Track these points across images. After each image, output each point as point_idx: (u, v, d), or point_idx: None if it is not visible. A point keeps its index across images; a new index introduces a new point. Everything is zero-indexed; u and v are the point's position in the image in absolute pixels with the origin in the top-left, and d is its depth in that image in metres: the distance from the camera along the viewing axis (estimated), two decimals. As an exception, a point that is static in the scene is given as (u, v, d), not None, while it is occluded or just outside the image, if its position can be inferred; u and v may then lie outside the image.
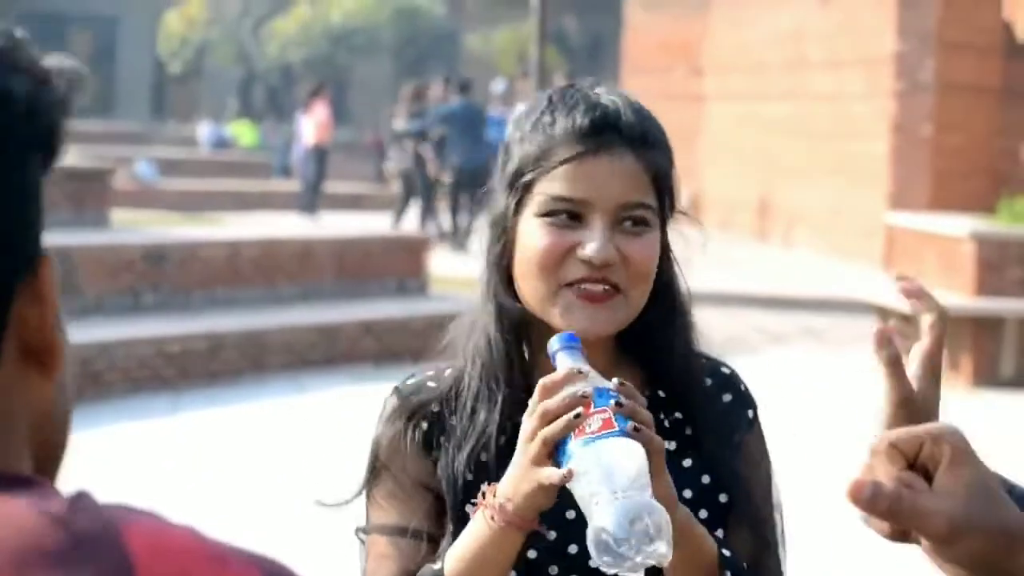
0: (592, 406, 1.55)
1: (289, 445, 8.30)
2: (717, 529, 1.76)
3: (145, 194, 20.82)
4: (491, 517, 1.61)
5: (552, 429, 1.55)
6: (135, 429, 8.59)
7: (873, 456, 1.11)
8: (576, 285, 1.74)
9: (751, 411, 1.89)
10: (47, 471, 0.98)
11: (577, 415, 1.55)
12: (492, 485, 1.64)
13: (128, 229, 13.06)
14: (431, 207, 18.03)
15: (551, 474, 1.55)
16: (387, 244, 12.81)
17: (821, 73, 18.02)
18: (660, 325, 1.83)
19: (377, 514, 1.81)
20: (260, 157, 27.21)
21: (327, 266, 11.89)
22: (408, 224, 17.84)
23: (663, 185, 1.79)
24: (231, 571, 0.87)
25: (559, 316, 1.75)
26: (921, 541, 1.10)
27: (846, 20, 17.55)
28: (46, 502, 0.87)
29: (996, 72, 15.97)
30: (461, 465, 1.77)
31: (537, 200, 1.76)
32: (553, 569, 1.76)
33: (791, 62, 18.71)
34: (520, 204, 1.77)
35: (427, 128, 17.82)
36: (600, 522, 1.49)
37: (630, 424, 1.54)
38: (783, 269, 16.55)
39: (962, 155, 15.86)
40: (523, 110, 1.84)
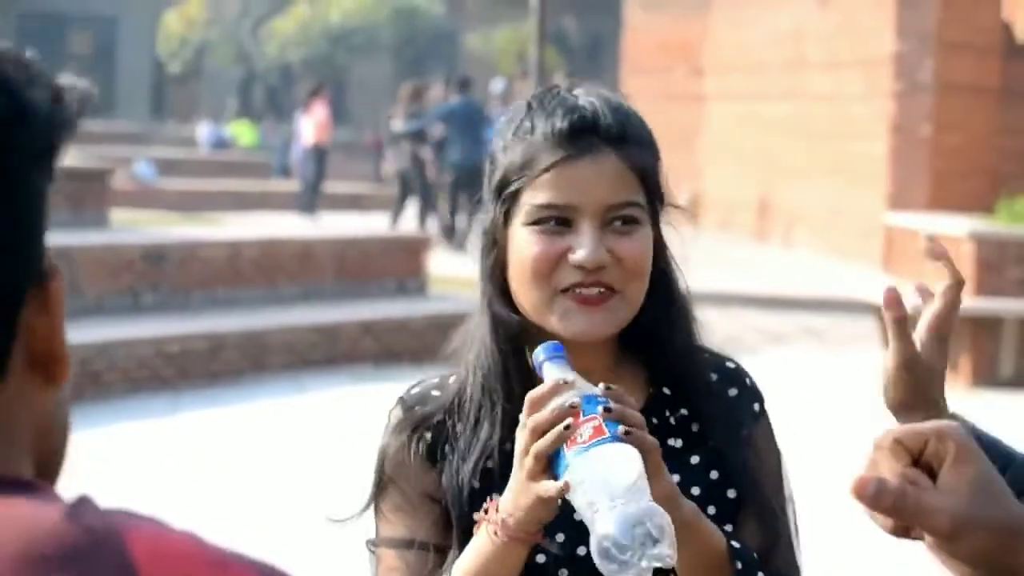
0: (581, 415, 1.55)
1: (289, 445, 8.30)
2: (726, 525, 1.75)
3: (144, 194, 20.81)
4: (494, 532, 1.62)
5: (543, 443, 1.55)
6: (135, 429, 8.59)
7: (877, 451, 1.11)
8: (571, 290, 1.74)
9: (757, 404, 1.89)
10: (48, 477, 0.98)
11: (567, 426, 1.54)
12: (494, 500, 1.64)
13: (127, 229, 13.06)
14: (430, 206, 18.00)
15: (548, 488, 1.55)
16: (387, 244, 12.81)
17: (820, 73, 18.01)
18: (660, 321, 1.82)
19: (385, 527, 1.82)
20: (259, 157, 27.20)
21: (327, 266, 11.89)
22: (407, 224, 17.83)
23: (650, 181, 1.79)
24: None
25: (557, 322, 1.75)
26: (925, 537, 1.10)
27: (845, 20, 17.55)
28: (48, 506, 0.88)
29: (995, 72, 15.98)
30: (466, 475, 1.77)
31: (525, 210, 1.76)
32: (563, 572, 1.76)
33: (791, 62, 18.71)
34: (509, 214, 1.77)
35: (426, 127, 17.79)
36: (601, 531, 1.49)
37: (620, 428, 1.54)
38: (783, 269, 16.54)
39: (961, 155, 15.86)
40: (505, 118, 1.84)
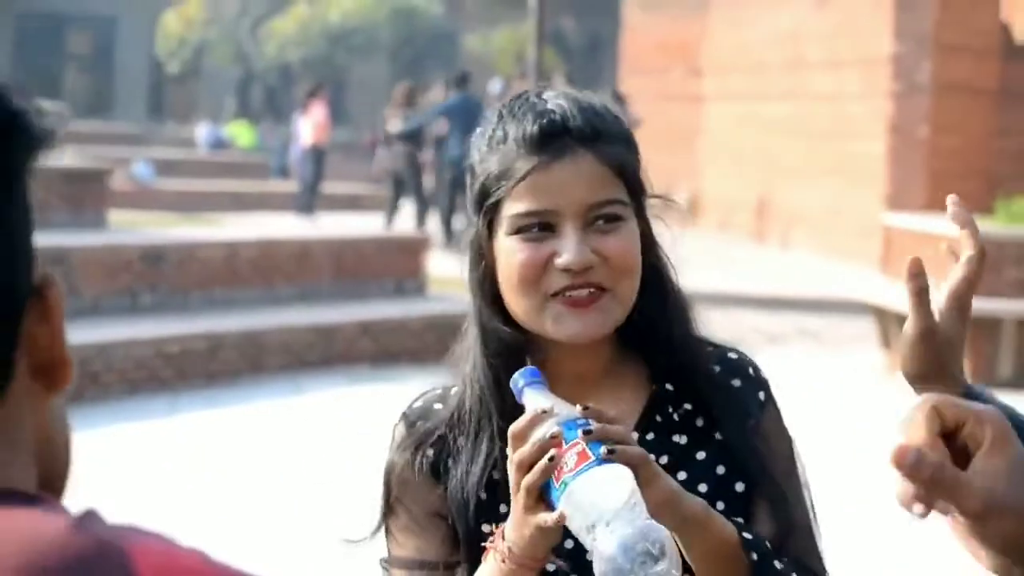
0: (564, 443, 1.55)
1: (287, 446, 8.30)
2: (736, 518, 1.74)
3: (143, 195, 20.81)
4: (502, 560, 1.62)
5: (531, 478, 1.56)
6: (133, 430, 8.59)
7: (915, 410, 1.11)
8: (561, 294, 1.74)
9: (763, 392, 1.88)
10: (53, 488, 0.97)
11: (551, 458, 1.54)
12: (500, 527, 1.64)
13: (126, 230, 13.06)
14: (427, 206, 17.98)
15: (546, 519, 1.56)
16: (385, 245, 12.81)
17: (819, 74, 18.02)
18: (656, 316, 1.82)
19: (394, 548, 1.83)
20: (258, 158, 27.19)
21: (325, 267, 11.89)
22: (405, 225, 17.82)
23: (629, 176, 1.78)
24: None
25: (551, 327, 1.75)
26: (950, 519, 1.11)
27: (844, 21, 17.56)
28: (53, 520, 0.87)
29: (993, 73, 15.99)
30: (470, 490, 1.78)
31: (506, 220, 1.76)
32: None
33: (789, 63, 18.71)
34: (492, 226, 1.78)
35: (425, 124, 17.77)
36: (602, 556, 1.50)
37: (603, 449, 1.54)
38: (781, 269, 16.55)
39: (959, 156, 15.87)
40: (479, 128, 1.83)
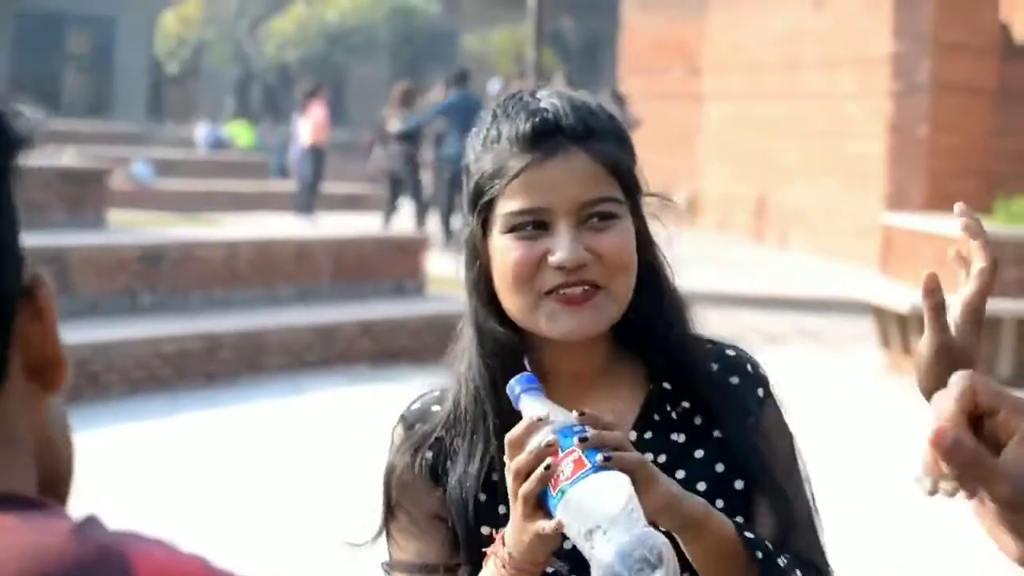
0: (560, 450, 1.55)
1: (287, 446, 8.30)
2: (736, 516, 1.75)
3: (142, 194, 20.81)
4: (502, 566, 1.63)
5: (527, 487, 1.56)
6: (133, 430, 8.58)
7: (952, 383, 1.11)
8: (555, 292, 1.74)
9: (762, 389, 1.88)
10: (55, 492, 0.97)
11: (547, 467, 1.55)
12: (500, 532, 1.65)
13: (125, 230, 13.06)
14: (425, 205, 17.96)
15: (544, 527, 1.56)
16: (384, 244, 12.81)
17: (818, 74, 18.03)
18: (652, 314, 1.82)
19: (395, 551, 1.84)
20: (257, 157, 27.18)
21: (324, 266, 11.89)
22: (405, 225, 17.81)
23: (623, 174, 1.78)
24: None
25: (545, 325, 1.75)
26: (976, 501, 1.12)
27: (842, 21, 17.57)
28: (52, 526, 0.86)
29: (992, 73, 15.99)
30: (468, 490, 1.78)
31: (500, 219, 1.76)
32: None
33: (788, 62, 18.72)
34: (486, 225, 1.78)
35: (424, 124, 17.76)
36: (598, 564, 1.50)
37: (599, 457, 1.54)
38: (780, 269, 16.55)
39: (958, 156, 15.87)
40: (474, 129, 1.84)
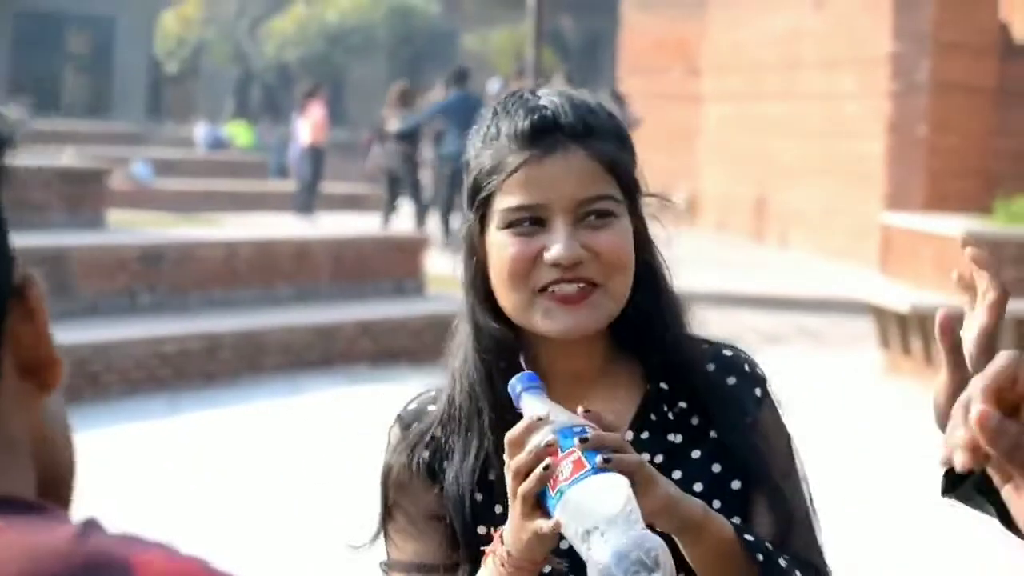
0: (560, 451, 1.55)
1: (287, 446, 8.30)
2: (732, 516, 1.75)
3: (141, 194, 20.80)
4: (500, 564, 1.63)
5: (526, 487, 1.56)
6: (132, 430, 8.58)
7: (994, 362, 1.13)
8: (550, 290, 1.74)
9: (759, 389, 1.88)
10: (57, 493, 0.96)
11: (546, 467, 1.55)
12: (499, 530, 1.65)
13: (124, 230, 13.05)
14: (424, 205, 17.95)
15: (542, 526, 1.56)
16: (384, 244, 12.81)
17: (817, 73, 18.02)
18: (650, 314, 1.82)
19: (393, 551, 1.84)
20: (256, 157, 27.18)
21: (324, 266, 11.89)
22: (404, 224, 17.81)
23: (622, 173, 1.78)
24: None
25: (540, 322, 1.75)
26: (1009, 488, 1.16)
27: (842, 21, 17.56)
28: (52, 530, 0.86)
29: (992, 72, 15.99)
30: (464, 486, 1.78)
31: (498, 215, 1.76)
32: None
33: (787, 62, 18.71)
34: (484, 221, 1.78)
35: (423, 122, 17.75)
36: (595, 565, 1.50)
37: (598, 458, 1.54)
38: (779, 269, 16.55)
39: (957, 155, 15.87)
40: (475, 126, 1.84)
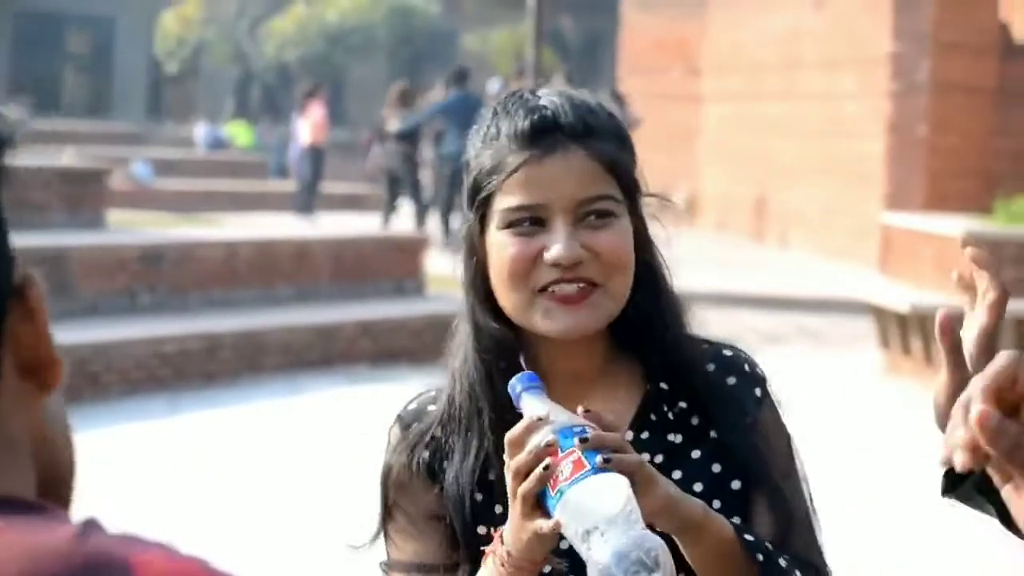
0: (560, 451, 1.55)
1: (287, 446, 8.30)
2: (733, 516, 1.75)
3: (141, 194, 20.80)
4: (500, 564, 1.63)
5: (526, 486, 1.56)
6: (132, 430, 8.58)
7: (994, 361, 1.14)
8: (550, 290, 1.74)
9: (759, 389, 1.88)
10: (57, 493, 0.96)
11: (546, 467, 1.55)
12: (499, 530, 1.65)
13: (124, 230, 13.06)
14: (425, 205, 17.95)
15: (542, 526, 1.56)
16: (384, 244, 12.82)
17: (817, 74, 18.02)
18: (650, 314, 1.82)
19: (393, 551, 1.83)
20: (256, 157, 27.18)
21: (324, 266, 11.89)
22: (404, 224, 17.80)
23: (622, 173, 1.78)
24: None
25: (540, 322, 1.75)
26: (1009, 488, 1.17)
27: (842, 21, 17.56)
28: (52, 530, 0.86)
29: (992, 72, 15.99)
30: (464, 485, 1.78)
31: (498, 215, 1.76)
32: None
33: (787, 62, 18.71)
34: (484, 220, 1.78)
35: (423, 122, 17.75)
36: (595, 565, 1.50)
37: (598, 459, 1.54)
38: (779, 269, 16.55)
39: (957, 155, 15.87)
40: (475, 126, 1.84)
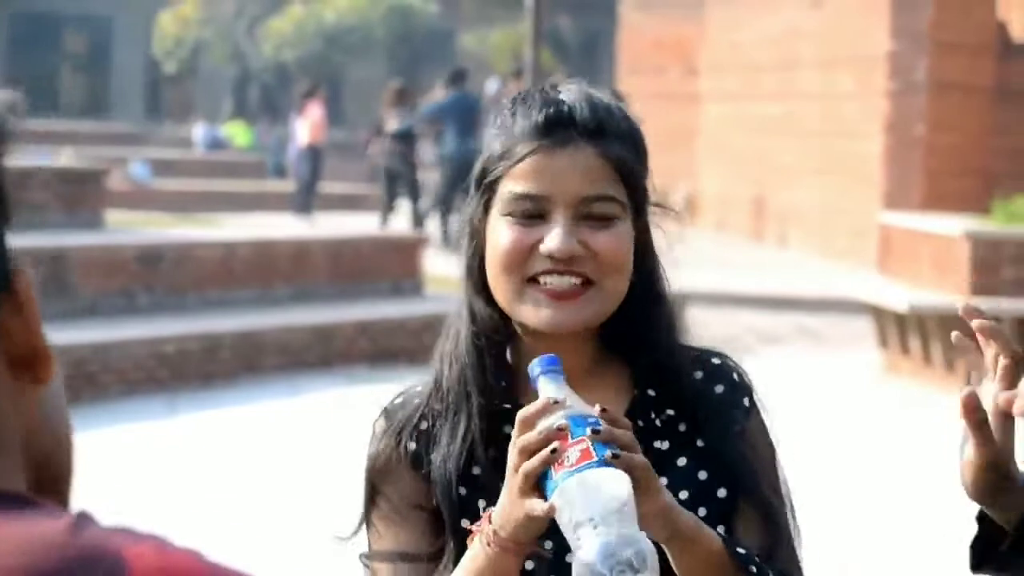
0: (570, 436, 1.54)
1: (285, 447, 8.30)
2: (717, 525, 1.75)
3: (140, 195, 20.80)
4: (487, 543, 1.62)
5: (530, 465, 1.56)
6: (131, 431, 8.58)
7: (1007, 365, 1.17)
8: (541, 281, 1.74)
9: (747, 399, 1.87)
10: (55, 489, 0.95)
11: (554, 450, 1.54)
12: (488, 511, 1.65)
13: (123, 230, 13.06)
14: (424, 205, 17.95)
15: (536, 507, 1.56)
16: (382, 244, 12.82)
17: (815, 73, 18.02)
18: (642, 320, 1.81)
19: (376, 540, 1.83)
20: (254, 157, 27.19)
21: (322, 267, 11.89)
22: (402, 224, 17.80)
23: (629, 176, 1.78)
24: None
25: (529, 313, 1.75)
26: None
27: (840, 20, 17.56)
28: (45, 523, 0.85)
29: (989, 72, 15.98)
30: (451, 470, 1.77)
31: (502, 199, 1.77)
32: None
33: (785, 62, 18.71)
34: (488, 204, 1.79)
35: (420, 123, 17.74)
36: (582, 557, 1.49)
37: (608, 452, 1.54)
38: (778, 269, 16.54)
39: (956, 154, 15.86)
40: (494, 115, 1.85)
